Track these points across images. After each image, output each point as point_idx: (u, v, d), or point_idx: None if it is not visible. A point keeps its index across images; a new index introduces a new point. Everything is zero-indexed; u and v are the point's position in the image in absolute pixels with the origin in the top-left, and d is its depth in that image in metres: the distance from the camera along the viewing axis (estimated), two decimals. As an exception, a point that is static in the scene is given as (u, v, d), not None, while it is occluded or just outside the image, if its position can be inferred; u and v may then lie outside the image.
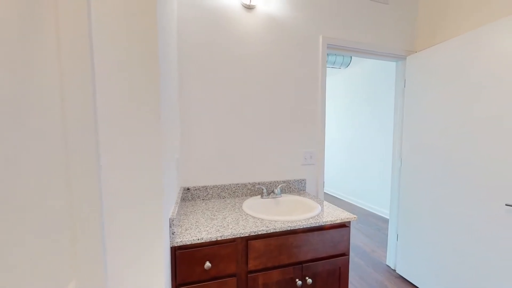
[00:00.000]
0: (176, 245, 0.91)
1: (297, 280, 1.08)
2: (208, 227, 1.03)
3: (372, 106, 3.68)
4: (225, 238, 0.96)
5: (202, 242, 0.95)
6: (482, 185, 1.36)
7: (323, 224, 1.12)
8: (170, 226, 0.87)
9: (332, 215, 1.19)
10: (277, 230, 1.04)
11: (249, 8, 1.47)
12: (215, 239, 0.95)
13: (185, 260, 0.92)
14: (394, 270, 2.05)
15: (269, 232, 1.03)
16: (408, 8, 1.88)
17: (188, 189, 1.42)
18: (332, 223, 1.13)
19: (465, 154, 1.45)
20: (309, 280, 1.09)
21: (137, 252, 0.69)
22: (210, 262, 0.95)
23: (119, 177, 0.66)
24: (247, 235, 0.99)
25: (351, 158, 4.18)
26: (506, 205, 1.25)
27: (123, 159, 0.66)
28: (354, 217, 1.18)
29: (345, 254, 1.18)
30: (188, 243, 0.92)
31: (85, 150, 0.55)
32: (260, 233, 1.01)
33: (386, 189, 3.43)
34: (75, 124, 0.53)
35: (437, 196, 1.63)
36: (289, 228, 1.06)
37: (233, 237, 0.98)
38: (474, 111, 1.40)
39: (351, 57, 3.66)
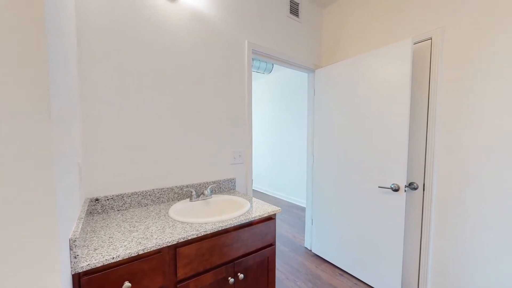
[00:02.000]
0: (80, 271, 0.73)
1: (229, 278, 1.09)
2: (126, 241, 0.89)
3: (290, 109, 4.18)
4: (148, 250, 0.86)
5: (119, 261, 0.81)
6: (365, 172, 1.80)
7: (252, 219, 1.17)
8: (70, 249, 0.70)
9: (260, 210, 1.27)
10: (209, 232, 1.01)
11: (172, -2, 1.37)
12: (136, 254, 0.83)
13: (95, 287, 0.76)
14: (310, 250, 2.41)
15: (200, 235, 0.99)
16: (315, 29, 2.25)
17: (97, 200, 1.17)
18: (260, 217, 1.21)
19: (355, 149, 1.87)
20: (241, 276, 1.12)
21: (17, 292, 0.51)
22: (130, 282, 0.82)
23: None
24: (175, 242, 0.92)
25: (274, 157, 4.60)
26: (378, 187, 1.69)
27: (-12, 167, 0.47)
28: (279, 210, 1.31)
29: (272, 244, 1.29)
30: (99, 265, 0.76)
31: None
32: (190, 238, 0.96)
33: (304, 182, 3.98)
34: None
35: (339, 183, 2.03)
36: (220, 228, 1.05)
37: (159, 247, 0.88)
38: (358, 117, 1.83)
39: (272, 64, 4.02)
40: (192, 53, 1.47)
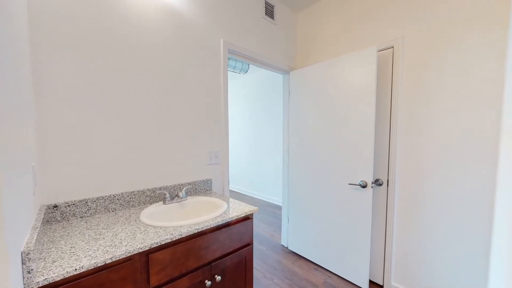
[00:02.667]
0: (36, 287, 0.65)
1: (206, 281, 1.06)
2: (91, 250, 0.81)
3: (267, 109, 4.23)
4: (117, 259, 0.80)
5: (82, 272, 0.74)
6: (337, 170, 1.89)
7: (229, 220, 1.16)
8: (23, 263, 0.62)
9: (237, 210, 1.26)
10: (184, 236, 0.98)
11: (143, -10, 1.29)
12: (103, 263, 0.76)
13: (54, 303, 0.68)
14: (287, 248, 2.46)
15: (174, 239, 0.95)
16: (290, 32, 2.31)
17: (55, 206, 1.06)
18: (237, 217, 1.20)
19: (327, 148, 1.96)
20: (218, 278, 1.10)
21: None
22: (95, 294, 0.75)
23: None
24: (147, 248, 0.87)
25: (251, 156, 4.61)
26: (348, 184, 1.80)
27: None
28: (256, 209, 1.31)
29: (249, 244, 1.29)
30: (58, 279, 0.68)
31: None
32: (164, 242, 0.91)
33: (280, 181, 4.06)
34: None
35: (313, 182, 2.10)
36: (196, 231, 1.02)
37: (129, 254, 0.82)
38: (330, 118, 1.92)
39: (248, 64, 4.04)
40: (164, 50, 1.41)
